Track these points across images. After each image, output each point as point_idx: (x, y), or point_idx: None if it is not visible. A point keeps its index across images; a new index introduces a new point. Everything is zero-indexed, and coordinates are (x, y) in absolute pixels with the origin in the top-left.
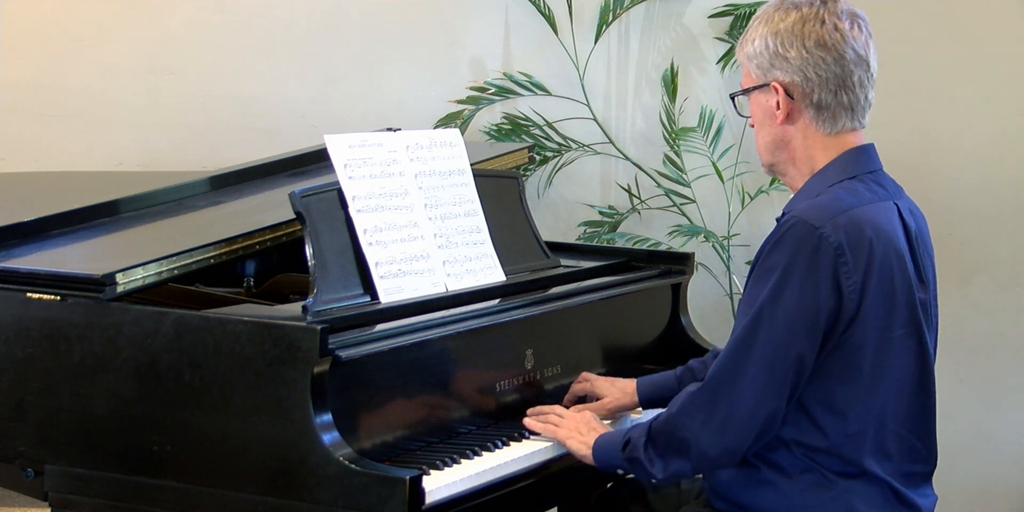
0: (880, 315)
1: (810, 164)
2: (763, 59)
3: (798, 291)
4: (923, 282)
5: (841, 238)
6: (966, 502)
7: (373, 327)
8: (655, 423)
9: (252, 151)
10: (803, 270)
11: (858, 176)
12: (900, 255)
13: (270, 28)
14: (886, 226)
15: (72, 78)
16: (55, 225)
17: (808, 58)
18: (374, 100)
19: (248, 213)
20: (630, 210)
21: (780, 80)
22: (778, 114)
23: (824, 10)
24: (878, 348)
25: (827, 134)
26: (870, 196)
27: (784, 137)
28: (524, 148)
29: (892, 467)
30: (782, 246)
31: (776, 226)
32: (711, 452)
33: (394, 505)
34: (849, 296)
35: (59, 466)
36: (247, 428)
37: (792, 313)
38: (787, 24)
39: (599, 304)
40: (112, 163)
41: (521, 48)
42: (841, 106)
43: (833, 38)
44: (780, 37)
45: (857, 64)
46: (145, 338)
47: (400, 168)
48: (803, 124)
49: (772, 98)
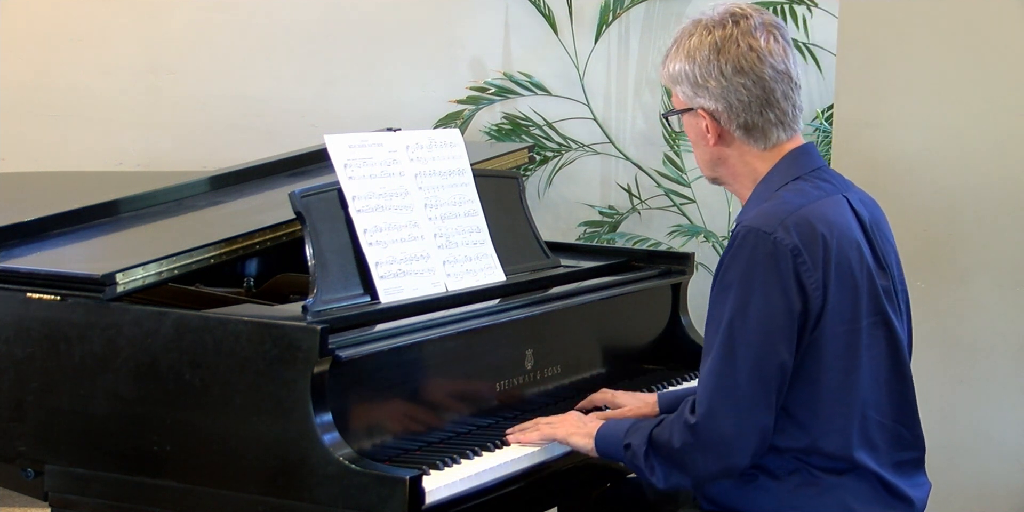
0: (845, 308)
1: (752, 175)
2: (686, 89)
3: (764, 299)
4: (883, 269)
5: (795, 239)
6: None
7: (373, 327)
8: (655, 432)
9: (252, 151)
10: (764, 277)
11: (802, 176)
12: (856, 246)
13: (270, 28)
14: (838, 219)
15: (72, 78)
16: (55, 225)
17: (728, 86)
18: (374, 100)
19: (248, 213)
20: (630, 210)
21: (705, 107)
22: (709, 137)
23: (737, 30)
24: (847, 341)
25: (762, 149)
26: (817, 193)
27: (720, 156)
28: (524, 148)
29: (881, 458)
30: (738, 258)
31: (731, 237)
32: (710, 470)
33: (394, 505)
34: (813, 294)
35: (59, 466)
36: (247, 428)
37: (765, 322)
38: (703, 54)
39: (599, 304)
40: (112, 163)
41: (521, 48)
42: (769, 123)
43: (749, 61)
44: (698, 67)
45: (778, 80)
46: (145, 338)
47: (400, 168)
48: (736, 143)
49: (701, 122)
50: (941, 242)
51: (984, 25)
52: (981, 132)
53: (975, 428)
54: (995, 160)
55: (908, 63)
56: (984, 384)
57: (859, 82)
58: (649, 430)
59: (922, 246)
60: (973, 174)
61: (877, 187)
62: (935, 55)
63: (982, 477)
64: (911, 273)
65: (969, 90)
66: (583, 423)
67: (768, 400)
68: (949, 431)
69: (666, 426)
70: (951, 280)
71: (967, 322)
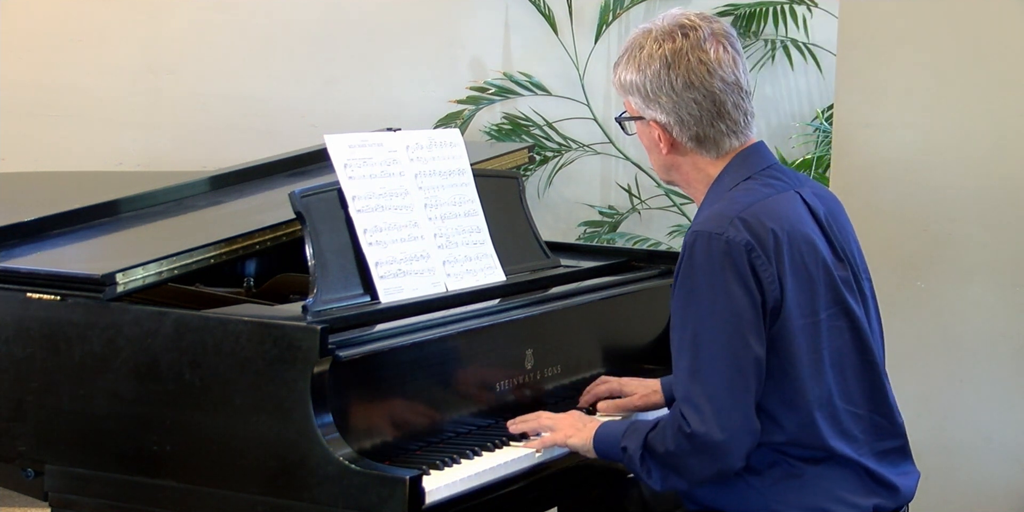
0: (802, 302)
1: (705, 180)
2: (638, 100)
3: (727, 296)
4: (841, 260)
5: (745, 235)
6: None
7: (373, 327)
8: (651, 436)
9: (252, 151)
10: (723, 276)
11: (752, 176)
12: (809, 240)
13: (270, 28)
14: (788, 214)
15: (72, 78)
16: (55, 225)
17: (679, 101)
18: (374, 100)
19: (248, 213)
20: (630, 210)
21: (657, 120)
22: (662, 146)
23: (687, 43)
24: (807, 334)
25: (714, 158)
26: (767, 191)
27: (672, 163)
28: (524, 148)
29: (861, 447)
30: (693, 263)
31: (682, 247)
32: (705, 474)
33: (394, 505)
34: (769, 287)
35: (59, 466)
36: (247, 428)
37: (732, 320)
38: (654, 68)
39: (599, 304)
40: (112, 163)
41: (521, 48)
42: (721, 133)
43: (699, 75)
44: (648, 82)
45: (728, 92)
46: (145, 338)
47: (400, 168)
48: (688, 151)
49: (654, 131)
50: (941, 242)
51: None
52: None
53: (975, 428)
54: (995, 160)
55: (908, 63)
56: (984, 384)
57: (859, 82)
58: (645, 434)
59: (922, 246)
60: (973, 174)
61: (877, 187)
62: (935, 55)
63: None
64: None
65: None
66: (582, 424)
67: (746, 398)
68: (949, 431)
69: (660, 431)
70: (951, 280)
71: (967, 322)
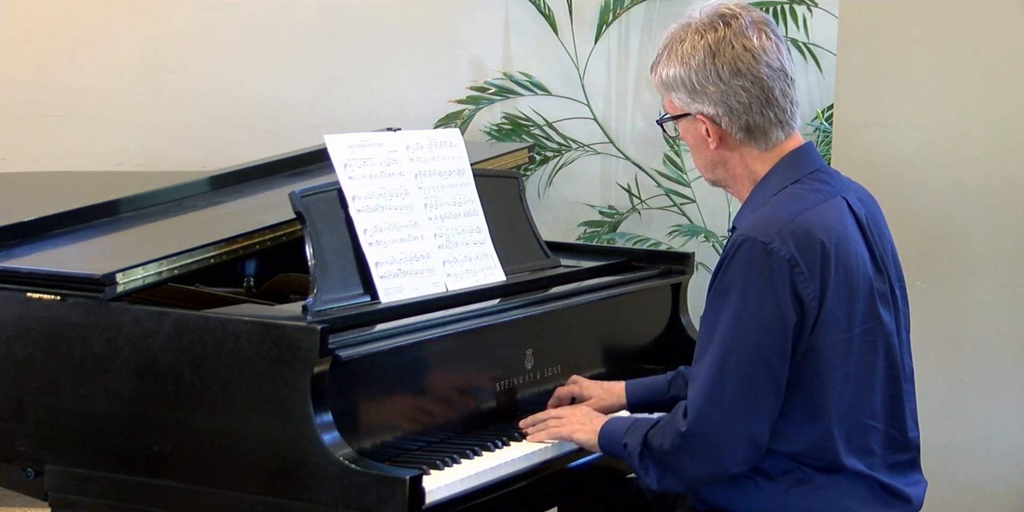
0: (840, 316)
1: (752, 177)
2: (683, 95)
3: (759, 310)
4: (881, 271)
5: (792, 249)
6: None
7: (373, 327)
8: (650, 434)
9: (252, 151)
10: (759, 289)
11: (800, 179)
12: (856, 252)
13: (270, 28)
14: (836, 225)
15: (72, 78)
16: (55, 225)
17: (727, 90)
18: (374, 100)
19: (248, 213)
20: (630, 210)
21: (704, 112)
22: (710, 141)
23: (729, 32)
24: (841, 349)
25: (762, 150)
26: (816, 198)
27: (720, 159)
28: (524, 148)
29: (875, 462)
30: (734, 267)
31: (727, 244)
32: (698, 475)
33: (394, 505)
34: (809, 305)
35: (59, 466)
36: (247, 428)
37: (757, 334)
38: (698, 59)
39: (599, 304)
40: (112, 163)
41: (521, 48)
42: (770, 122)
43: (745, 61)
44: (693, 73)
45: (775, 78)
46: (145, 338)
47: (400, 168)
48: (736, 145)
49: (700, 126)
50: (941, 242)
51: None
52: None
53: (975, 428)
54: (995, 160)
55: (908, 63)
56: (984, 384)
57: (859, 82)
58: (645, 431)
59: (922, 246)
60: (973, 174)
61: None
62: (935, 55)
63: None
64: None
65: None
66: (589, 419)
67: (757, 410)
68: (949, 431)
69: (659, 429)
70: (951, 280)
71: (967, 322)
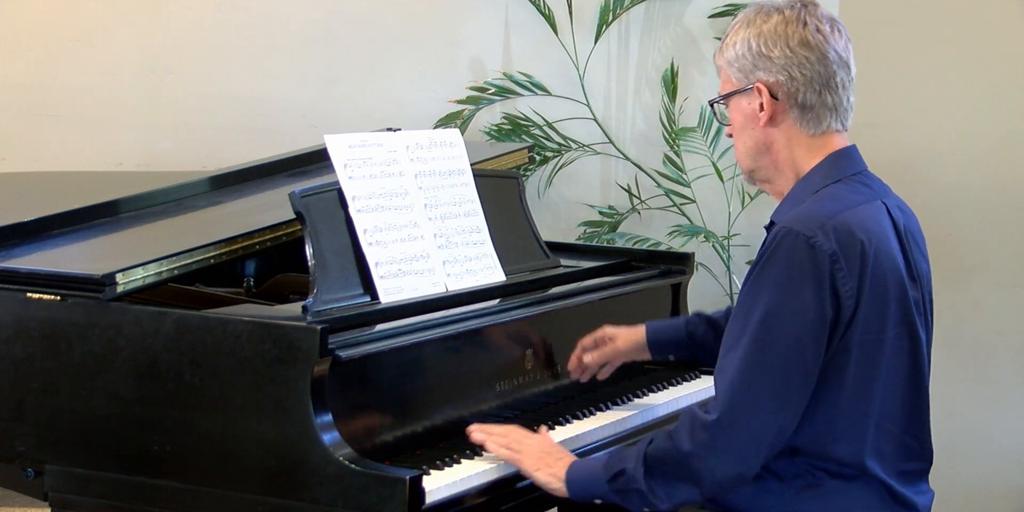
0: (873, 318)
1: (795, 168)
2: (745, 61)
3: (799, 304)
4: (915, 280)
5: (833, 245)
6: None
7: (373, 327)
8: (651, 450)
9: (252, 151)
10: (801, 283)
11: (843, 179)
12: (892, 256)
13: (270, 28)
14: (876, 227)
15: (72, 78)
16: (55, 225)
17: (792, 57)
18: (374, 100)
19: (248, 213)
20: (630, 210)
21: (764, 80)
22: (761, 116)
23: (805, 12)
24: (872, 351)
25: (811, 135)
26: (857, 198)
27: (767, 140)
28: (524, 148)
29: (888, 466)
30: (777, 259)
31: (768, 237)
32: (726, 479)
33: (394, 505)
34: (846, 302)
35: (59, 466)
36: (247, 428)
37: (797, 328)
38: (769, 25)
39: (599, 304)
40: (112, 163)
41: (521, 48)
42: (825, 106)
43: (816, 39)
44: (763, 38)
45: (840, 66)
46: (145, 338)
47: (400, 168)
48: (787, 126)
49: (755, 100)
50: (941, 242)
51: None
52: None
53: (975, 428)
54: (995, 160)
55: (908, 63)
56: (984, 384)
57: (860, 82)
58: (642, 451)
59: None
60: (973, 174)
61: None
62: (935, 55)
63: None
64: None
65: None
66: (552, 459)
67: (790, 405)
68: (949, 431)
69: (665, 437)
70: (951, 280)
71: (967, 322)
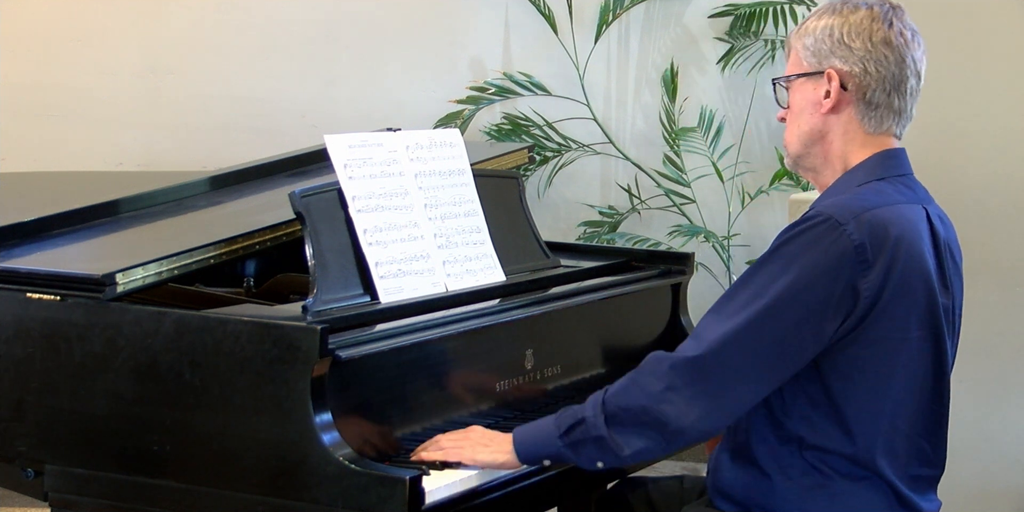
0: (897, 315)
1: (843, 161)
2: (823, 46)
3: (812, 288)
4: (947, 288)
5: (864, 236)
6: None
7: (373, 327)
8: (610, 397)
9: (252, 151)
10: (821, 267)
11: (886, 178)
12: (922, 257)
13: (270, 28)
14: (910, 227)
15: (72, 78)
16: (55, 225)
17: (872, 52)
18: (374, 100)
19: (248, 213)
20: (630, 210)
21: (837, 68)
22: (825, 103)
23: (893, 14)
24: (893, 348)
25: (868, 133)
26: (898, 197)
27: (823, 129)
28: (524, 148)
29: (898, 468)
30: (803, 238)
31: (801, 217)
32: (690, 432)
33: (394, 505)
34: (864, 294)
35: (59, 466)
36: (247, 428)
37: (804, 310)
38: (856, 18)
39: (599, 304)
40: (112, 163)
41: (521, 48)
42: (891, 109)
43: (899, 41)
44: (848, 27)
45: (913, 73)
46: (145, 338)
47: (400, 168)
48: (847, 117)
49: (822, 87)
50: None
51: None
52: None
53: (975, 428)
54: (995, 160)
55: None
56: (984, 384)
57: None
58: (600, 398)
59: None
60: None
61: None
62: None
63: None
64: None
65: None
66: (488, 439)
67: (772, 377)
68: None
69: (627, 382)
70: None
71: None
